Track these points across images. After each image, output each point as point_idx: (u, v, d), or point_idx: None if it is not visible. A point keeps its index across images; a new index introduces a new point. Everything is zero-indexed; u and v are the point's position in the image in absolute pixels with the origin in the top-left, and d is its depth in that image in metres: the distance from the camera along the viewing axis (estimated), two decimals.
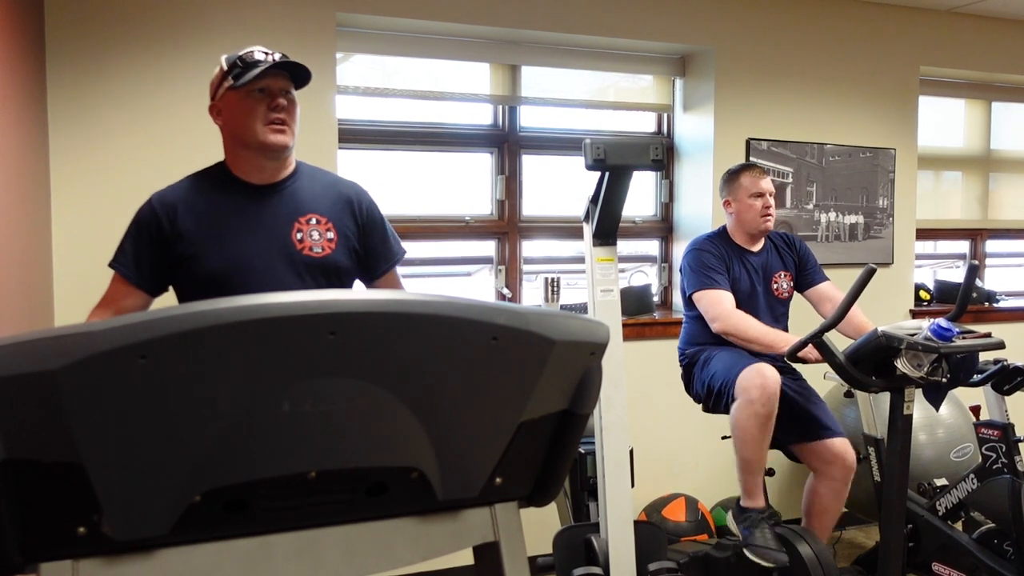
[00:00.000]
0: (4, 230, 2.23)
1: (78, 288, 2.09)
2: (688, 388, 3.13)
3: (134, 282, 1.97)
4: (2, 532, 0.87)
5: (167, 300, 2.03)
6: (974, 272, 2.68)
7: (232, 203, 1.97)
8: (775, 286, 3.11)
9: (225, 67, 1.95)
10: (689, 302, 3.07)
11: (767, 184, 3.07)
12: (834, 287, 3.14)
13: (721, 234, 3.14)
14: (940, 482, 3.25)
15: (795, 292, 3.18)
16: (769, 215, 3.05)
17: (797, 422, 2.95)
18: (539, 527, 2.38)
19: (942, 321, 2.38)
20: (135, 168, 3.02)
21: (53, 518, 0.90)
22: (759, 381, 2.69)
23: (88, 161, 3.00)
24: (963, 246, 5.08)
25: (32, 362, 0.81)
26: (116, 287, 1.99)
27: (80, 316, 2.02)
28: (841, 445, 2.92)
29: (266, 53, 1.94)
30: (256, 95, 1.92)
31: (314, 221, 1.99)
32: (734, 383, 2.77)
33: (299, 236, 1.96)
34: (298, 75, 1.97)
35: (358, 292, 0.95)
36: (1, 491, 0.85)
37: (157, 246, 1.95)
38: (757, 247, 3.13)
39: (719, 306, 2.93)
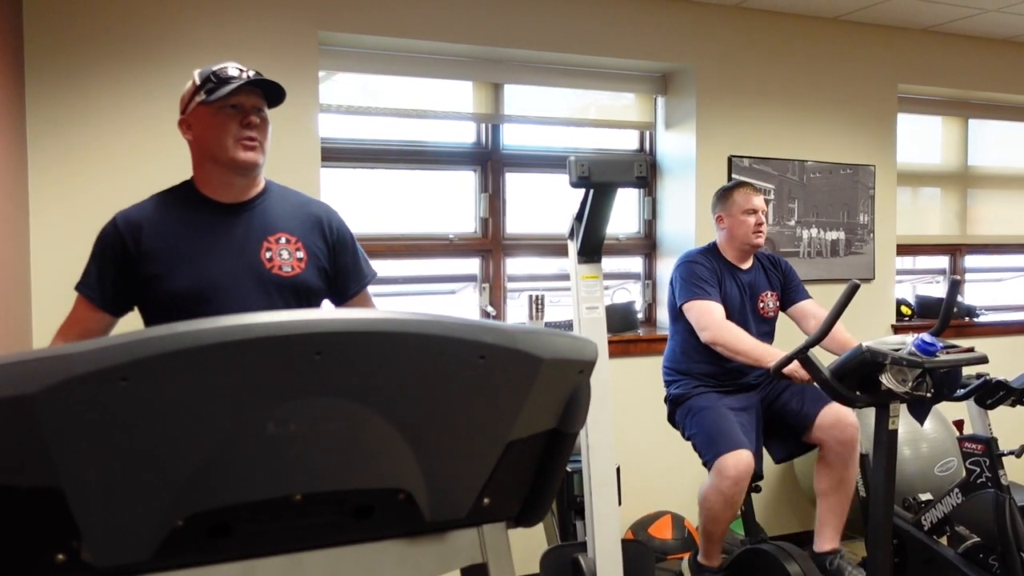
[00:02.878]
0: None
1: (57, 306, 2.07)
2: (671, 419, 3.14)
3: (98, 304, 1.94)
4: None
5: (133, 321, 2.00)
6: (956, 287, 2.70)
7: (199, 222, 1.93)
8: (761, 305, 3.13)
9: (198, 81, 1.93)
10: (678, 315, 3.07)
11: (759, 202, 3.11)
12: (816, 304, 3.16)
13: (712, 249, 3.16)
14: (925, 497, 3.25)
15: (780, 312, 3.20)
16: (761, 231, 3.08)
17: (793, 426, 2.98)
18: (526, 546, 2.36)
19: (926, 336, 2.39)
20: (115, 184, 2.99)
21: (31, 545, 0.88)
22: (732, 473, 2.74)
23: (67, 177, 2.97)
24: (942, 261, 5.12)
25: (8, 386, 0.79)
26: (80, 309, 1.96)
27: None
28: (834, 410, 2.92)
29: (240, 70, 1.92)
30: (228, 111, 1.89)
31: (283, 240, 1.96)
32: (712, 461, 2.82)
33: (268, 255, 1.93)
34: (272, 93, 1.95)
35: (344, 311, 0.94)
36: None
37: (121, 266, 1.91)
38: (746, 265, 3.15)
39: (709, 316, 2.94)
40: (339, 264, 2.05)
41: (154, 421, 0.85)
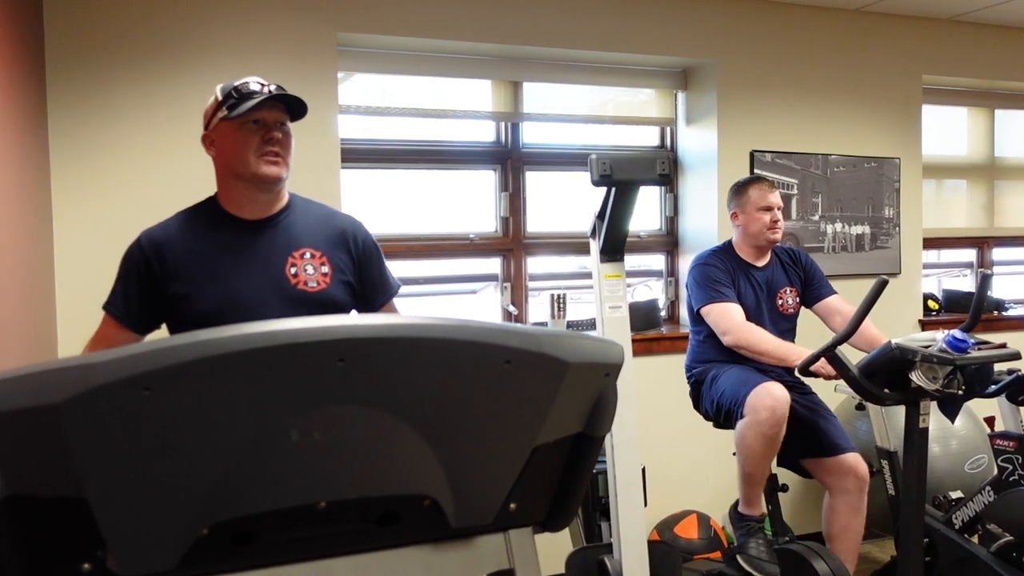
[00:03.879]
0: (6, 261, 2.22)
1: (81, 314, 2.08)
2: (696, 406, 3.10)
3: (124, 322, 1.94)
4: (4, 569, 0.85)
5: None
6: (987, 282, 2.65)
7: (224, 240, 1.93)
8: (780, 302, 3.09)
9: (220, 97, 1.92)
10: (696, 318, 3.04)
11: (775, 198, 3.05)
12: (842, 300, 3.11)
13: (726, 249, 3.12)
14: (955, 495, 3.20)
15: (802, 307, 3.16)
16: (777, 228, 3.03)
17: (807, 439, 2.92)
18: (550, 548, 2.34)
19: (957, 332, 2.35)
20: (136, 189, 3.00)
21: (56, 555, 0.87)
22: (768, 402, 2.68)
23: (89, 181, 2.98)
24: (969, 255, 5.05)
25: (34, 396, 0.79)
26: (107, 328, 1.96)
27: (83, 342, 2.00)
28: (852, 459, 2.89)
29: (262, 84, 1.91)
30: (250, 126, 1.89)
31: (308, 255, 1.95)
32: (743, 402, 2.75)
33: (293, 271, 1.93)
34: (294, 107, 1.94)
35: (367, 317, 0.92)
36: (2, 527, 0.83)
37: (146, 286, 1.92)
38: (762, 262, 3.11)
39: (729, 319, 2.90)
40: (365, 277, 2.04)
41: (178, 430, 0.85)
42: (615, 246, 2.37)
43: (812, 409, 2.97)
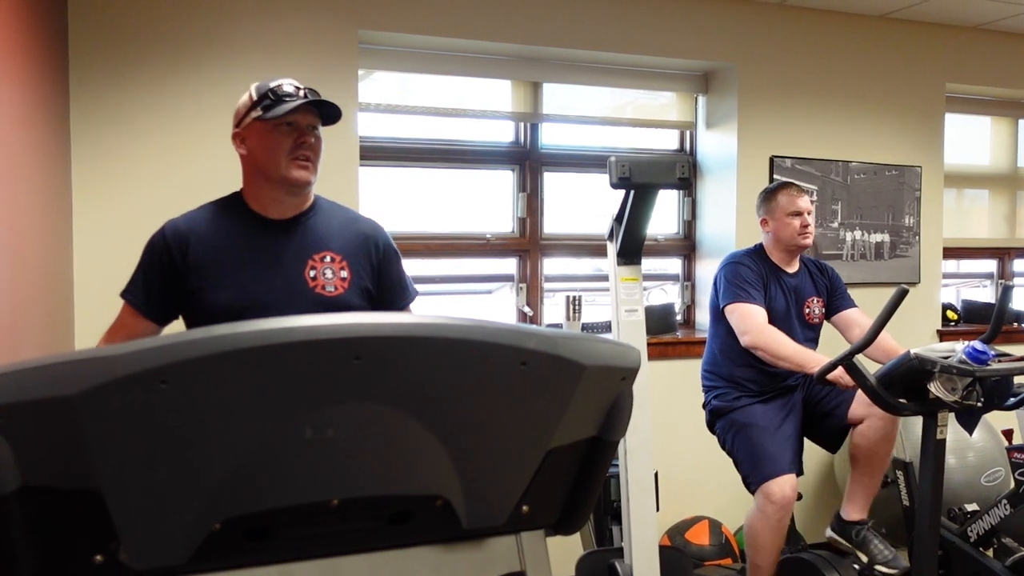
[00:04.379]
0: (26, 251, 2.23)
1: (99, 307, 2.09)
2: (711, 427, 3.10)
3: (143, 311, 1.95)
4: (17, 560, 0.85)
5: (176, 329, 2.01)
6: (1008, 293, 2.63)
7: (246, 237, 1.94)
8: (807, 311, 3.08)
9: (255, 97, 1.92)
10: (719, 317, 3.02)
11: (804, 203, 3.04)
12: (861, 313, 3.10)
13: (759, 252, 3.11)
14: (971, 507, 3.17)
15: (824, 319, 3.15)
16: (807, 233, 3.02)
17: (839, 414, 2.94)
18: (561, 551, 2.33)
19: (977, 344, 2.32)
20: (156, 185, 3.02)
21: (69, 546, 0.88)
22: (779, 498, 2.76)
23: (109, 177, 3.00)
24: (990, 265, 5.00)
25: (49, 387, 0.79)
26: (125, 316, 1.97)
27: (100, 334, 2.01)
28: None
29: (297, 87, 1.91)
30: (283, 129, 1.89)
31: (328, 259, 1.95)
32: (758, 485, 2.82)
33: (312, 274, 1.93)
34: (327, 112, 1.95)
35: (384, 315, 0.92)
36: (16, 519, 0.83)
37: (167, 276, 1.93)
38: (793, 269, 3.10)
39: (751, 320, 2.89)
40: (384, 283, 2.04)
41: (193, 424, 0.85)
42: (633, 249, 2.37)
43: (825, 393, 2.98)
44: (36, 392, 0.79)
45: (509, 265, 3.93)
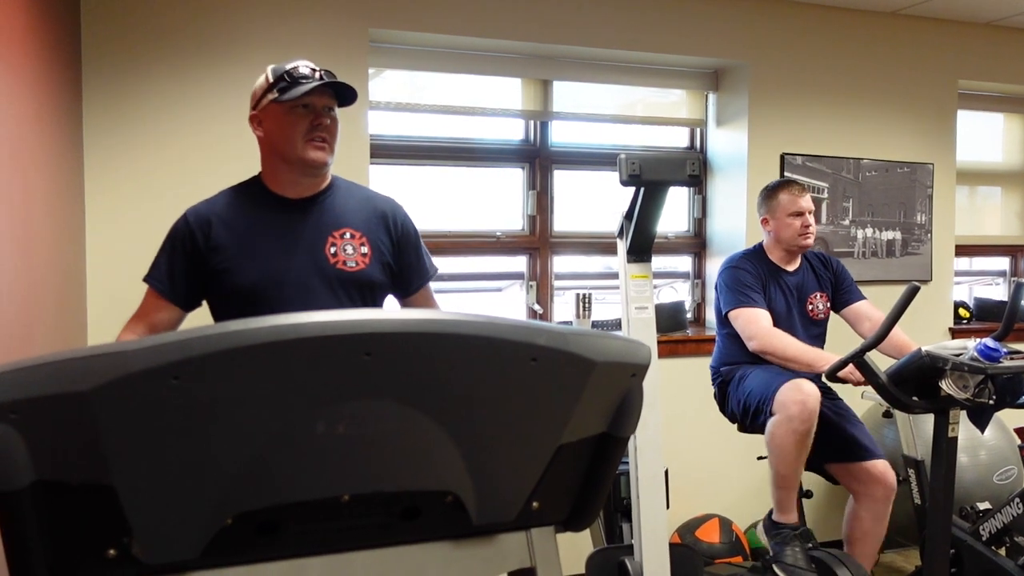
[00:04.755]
0: (39, 245, 2.25)
1: (111, 302, 2.11)
2: (722, 407, 3.07)
3: (168, 296, 1.97)
4: (31, 554, 0.86)
5: (201, 315, 2.03)
6: (1021, 290, 2.61)
7: (267, 217, 1.96)
8: (810, 307, 3.06)
9: (271, 79, 1.94)
10: (724, 320, 3.02)
11: (806, 202, 3.01)
12: (871, 306, 3.08)
13: (757, 252, 3.09)
14: (983, 506, 3.15)
15: (831, 312, 3.12)
16: (808, 233, 2.99)
17: (835, 443, 2.89)
18: (571, 548, 2.33)
19: (989, 341, 2.31)
20: (168, 181, 3.03)
21: (82, 540, 0.88)
22: (799, 397, 2.64)
23: (122, 174, 3.02)
24: (1002, 263, 4.97)
25: (63, 383, 0.80)
26: (149, 301, 1.98)
27: (113, 330, 2.02)
28: (882, 467, 2.85)
29: (313, 69, 1.94)
30: (300, 110, 1.91)
31: (348, 235, 1.98)
32: (772, 399, 2.71)
33: (333, 250, 1.95)
34: (342, 94, 1.96)
35: (394, 312, 0.92)
36: (30, 513, 0.84)
37: (191, 260, 1.95)
38: (793, 267, 3.08)
39: (756, 324, 2.88)
40: (403, 259, 2.07)
41: (205, 420, 0.85)
42: (643, 247, 2.36)
43: (839, 414, 2.94)
44: (49, 387, 0.80)
45: (519, 263, 3.93)
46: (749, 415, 2.85)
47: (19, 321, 1.98)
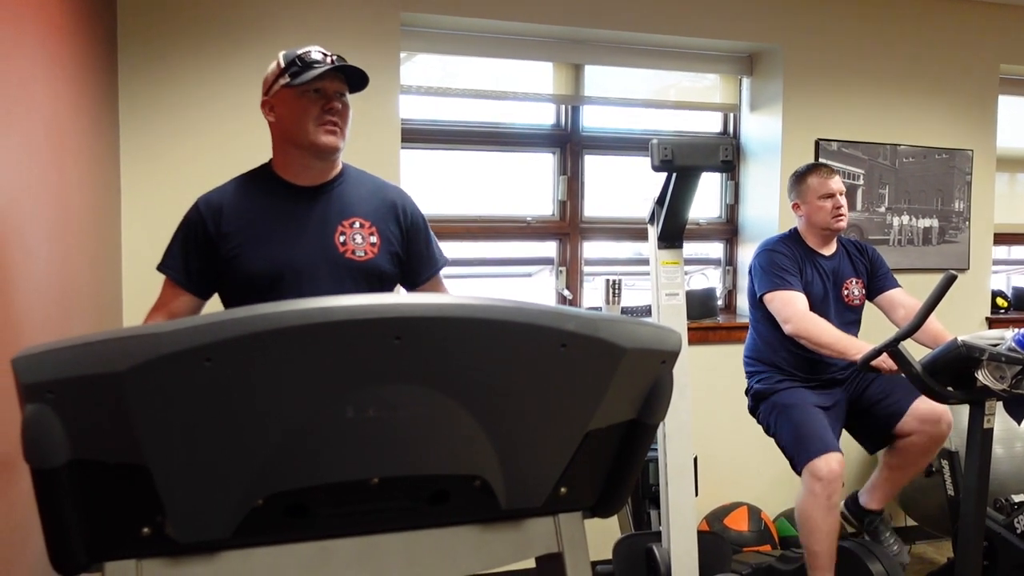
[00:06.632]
0: (76, 230, 2.28)
1: (147, 287, 2.13)
2: (753, 412, 3.05)
3: (183, 285, 1.98)
4: (68, 531, 0.88)
5: (215, 304, 2.04)
6: None
7: (276, 205, 1.96)
8: (846, 292, 3.02)
9: (283, 64, 1.95)
10: (758, 304, 2.98)
11: (836, 184, 2.97)
12: (905, 293, 3.03)
13: (793, 236, 3.06)
14: (1018, 498, 3.10)
15: (866, 300, 3.08)
16: (841, 215, 2.95)
17: (885, 417, 2.87)
18: (598, 533, 2.34)
19: None
20: (203, 169, 3.06)
21: (118, 518, 0.90)
22: (826, 474, 2.65)
23: (157, 163, 3.05)
24: None
25: (98, 364, 0.81)
26: (167, 291, 2.00)
27: (147, 311, 2.05)
28: (930, 403, 2.76)
29: (324, 54, 1.94)
30: (311, 95, 1.91)
31: (357, 224, 1.97)
32: (803, 464, 2.72)
33: (342, 239, 1.95)
34: (354, 79, 1.96)
35: (425, 296, 0.93)
36: (67, 491, 0.85)
37: (204, 248, 1.96)
38: (829, 251, 3.04)
39: (791, 307, 2.84)
40: (412, 250, 2.06)
41: (236, 402, 0.86)
42: (674, 233, 2.35)
43: (872, 387, 2.92)
44: (85, 368, 0.81)
45: (549, 248, 3.92)
46: (784, 453, 2.87)
47: (57, 304, 2.01)
